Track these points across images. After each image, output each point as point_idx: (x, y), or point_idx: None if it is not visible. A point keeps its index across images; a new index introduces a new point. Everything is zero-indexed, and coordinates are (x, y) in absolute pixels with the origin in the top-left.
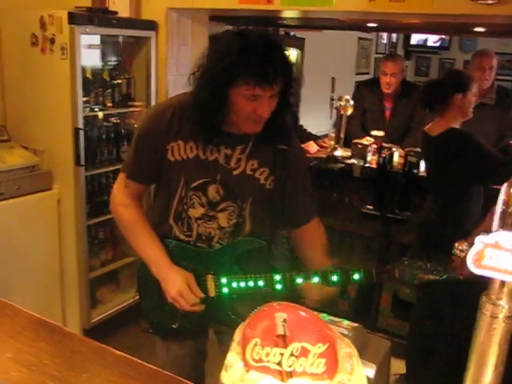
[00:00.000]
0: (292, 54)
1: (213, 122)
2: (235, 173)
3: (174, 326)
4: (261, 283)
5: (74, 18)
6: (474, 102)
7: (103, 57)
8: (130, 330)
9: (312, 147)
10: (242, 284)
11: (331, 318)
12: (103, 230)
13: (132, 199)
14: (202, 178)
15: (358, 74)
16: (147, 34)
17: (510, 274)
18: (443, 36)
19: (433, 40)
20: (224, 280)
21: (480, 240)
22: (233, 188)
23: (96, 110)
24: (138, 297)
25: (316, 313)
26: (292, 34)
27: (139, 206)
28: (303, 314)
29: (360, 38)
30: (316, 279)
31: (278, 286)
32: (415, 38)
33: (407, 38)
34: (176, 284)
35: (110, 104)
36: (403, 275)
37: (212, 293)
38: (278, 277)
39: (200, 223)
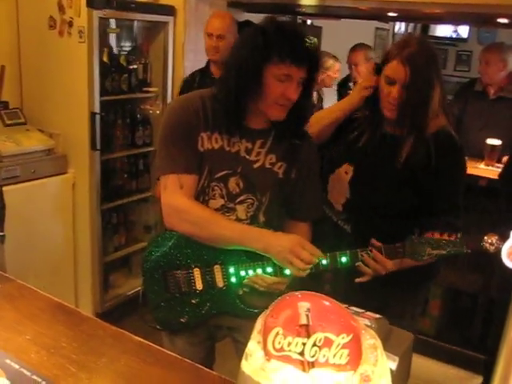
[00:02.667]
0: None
1: (238, 110)
2: (255, 166)
3: (182, 320)
4: (269, 269)
5: (92, 2)
6: None
7: (120, 41)
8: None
9: None
10: (250, 272)
11: (353, 308)
12: (117, 214)
13: (192, 198)
14: (224, 170)
15: None
16: (165, 19)
17: None
18: (461, 27)
19: (450, 31)
20: (232, 269)
21: None
22: (253, 181)
23: (112, 94)
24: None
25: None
26: (309, 22)
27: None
28: (327, 303)
29: (377, 28)
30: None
31: (287, 272)
32: (432, 29)
33: (424, 29)
34: (291, 237)
35: (126, 89)
36: (413, 252)
37: (220, 283)
38: None
39: None
